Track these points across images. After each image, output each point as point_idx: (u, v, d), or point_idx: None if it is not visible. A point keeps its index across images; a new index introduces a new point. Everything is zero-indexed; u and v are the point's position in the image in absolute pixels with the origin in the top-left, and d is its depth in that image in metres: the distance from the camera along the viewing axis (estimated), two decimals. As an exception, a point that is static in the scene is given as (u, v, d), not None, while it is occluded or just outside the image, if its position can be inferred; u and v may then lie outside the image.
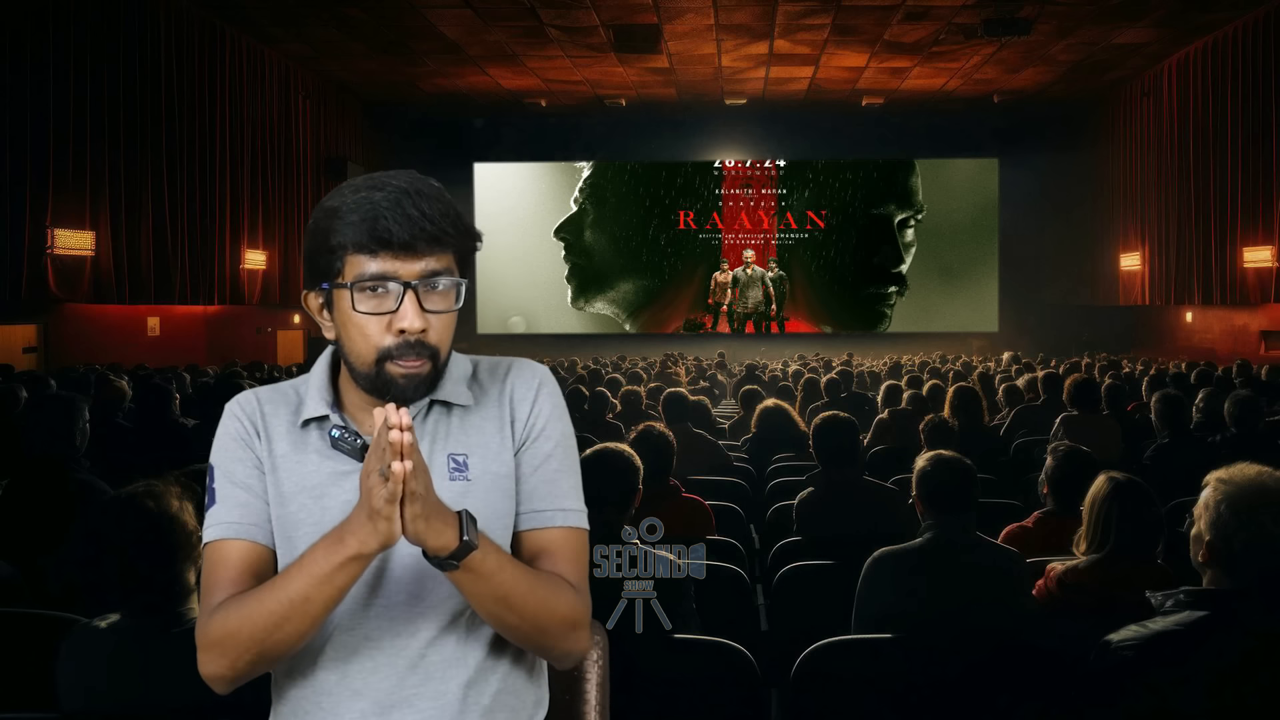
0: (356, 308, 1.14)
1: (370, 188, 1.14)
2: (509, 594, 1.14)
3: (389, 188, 1.13)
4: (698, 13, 11.71)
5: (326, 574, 1.07)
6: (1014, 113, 16.89)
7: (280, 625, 1.09)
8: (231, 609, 1.12)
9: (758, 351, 16.92)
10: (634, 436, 3.43)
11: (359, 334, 1.16)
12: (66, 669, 1.76)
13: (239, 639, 1.11)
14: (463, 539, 1.07)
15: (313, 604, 1.08)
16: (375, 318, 1.14)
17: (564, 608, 1.20)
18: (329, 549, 1.07)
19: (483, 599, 1.14)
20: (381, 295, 1.14)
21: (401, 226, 1.11)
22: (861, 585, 2.56)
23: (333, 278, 1.16)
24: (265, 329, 14.65)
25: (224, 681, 1.14)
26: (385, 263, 1.13)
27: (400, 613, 1.20)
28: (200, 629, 1.14)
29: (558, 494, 1.26)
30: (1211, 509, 1.77)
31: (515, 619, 1.16)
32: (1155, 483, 2.78)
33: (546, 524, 1.25)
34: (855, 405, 6.57)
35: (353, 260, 1.14)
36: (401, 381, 1.16)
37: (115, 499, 1.88)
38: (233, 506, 1.20)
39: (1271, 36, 11.47)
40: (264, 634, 1.10)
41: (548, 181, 19.09)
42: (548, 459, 1.27)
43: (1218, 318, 13.81)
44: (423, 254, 1.14)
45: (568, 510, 1.26)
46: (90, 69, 9.82)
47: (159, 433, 4.97)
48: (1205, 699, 1.63)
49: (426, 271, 1.14)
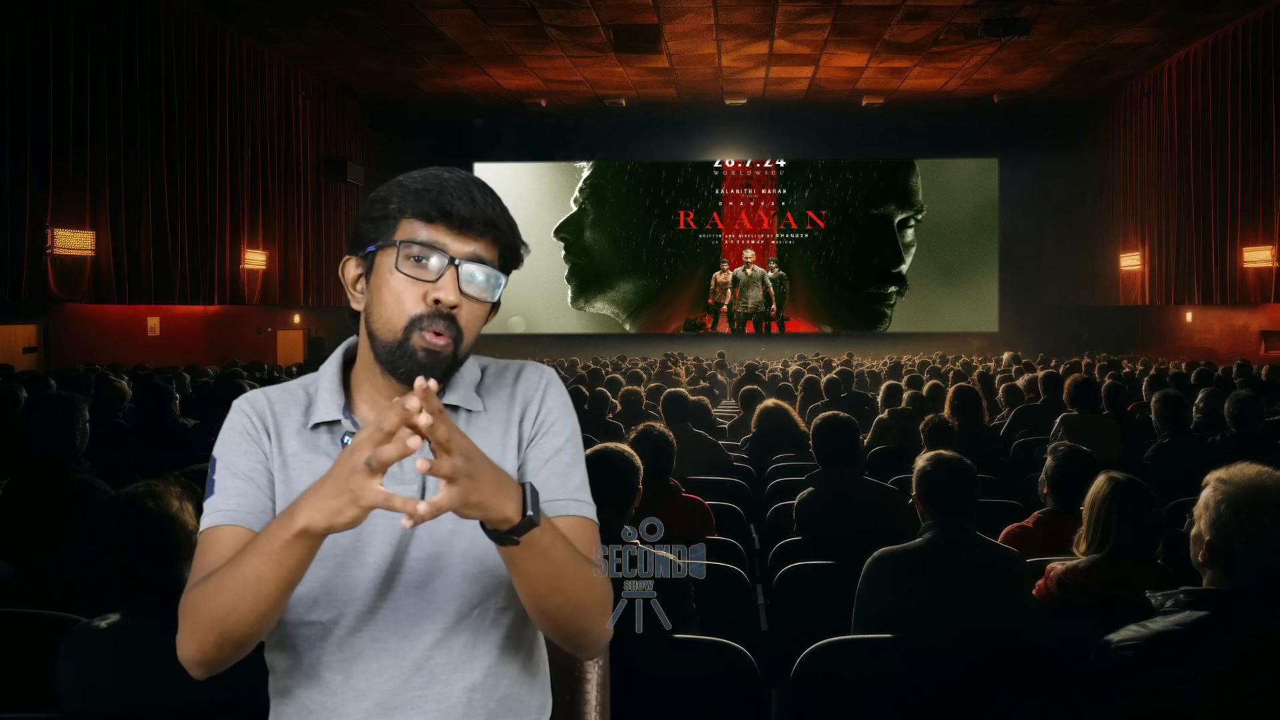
0: (399, 267, 1.15)
1: (439, 170, 1.20)
2: (560, 572, 1.12)
3: (458, 173, 1.19)
4: (698, 13, 11.71)
5: (276, 551, 1.02)
6: (1014, 113, 16.89)
7: (236, 605, 1.05)
8: (198, 590, 1.10)
9: (758, 351, 16.93)
10: (634, 436, 3.43)
11: (393, 298, 1.16)
12: (66, 669, 1.75)
13: (201, 618, 1.08)
14: (526, 513, 1.05)
15: (265, 583, 1.04)
16: (414, 283, 1.16)
17: (601, 586, 1.19)
18: (279, 524, 1.03)
19: (534, 577, 1.11)
20: (424, 266, 1.16)
21: (464, 204, 1.16)
22: (861, 585, 2.56)
23: (381, 239, 1.18)
24: (265, 329, 14.65)
25: (196, 665, 1.11)
26: (439, 233, 1.16)
27: (407, 615, 1.19)
28: (179, 609, 1.12)
29: (570, 485, 1.26)
30: (1211, 509, 1.77)
31: (560, 599, 1.14)
32: (1155, 483, 2.78)
33: (561, 512, 1.23)
34: (855, 405, 6.57)
35: (407, 224, 1.17)
36: (421, 356, 1.16)
37: (115, 499, 1.88)
38: (231, 495, 1.19)
39: (1271, 36, 11.47)
40: (223, 613, 1.06)
41: (548, 181, 19.10)
42: (558, 452, 1.27)
43: (1218, 318, 13.81)
44: (476, 236, 1.17)
45: (581, 501, 1.26)
46: (90, 69, 9.82)
47: (159, 433, 4.97)
48: (1205, 699, 1.63)
49: (474, 255, 1.17)
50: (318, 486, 1.01)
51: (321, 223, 15.17)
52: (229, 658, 1.11)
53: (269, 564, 1.03)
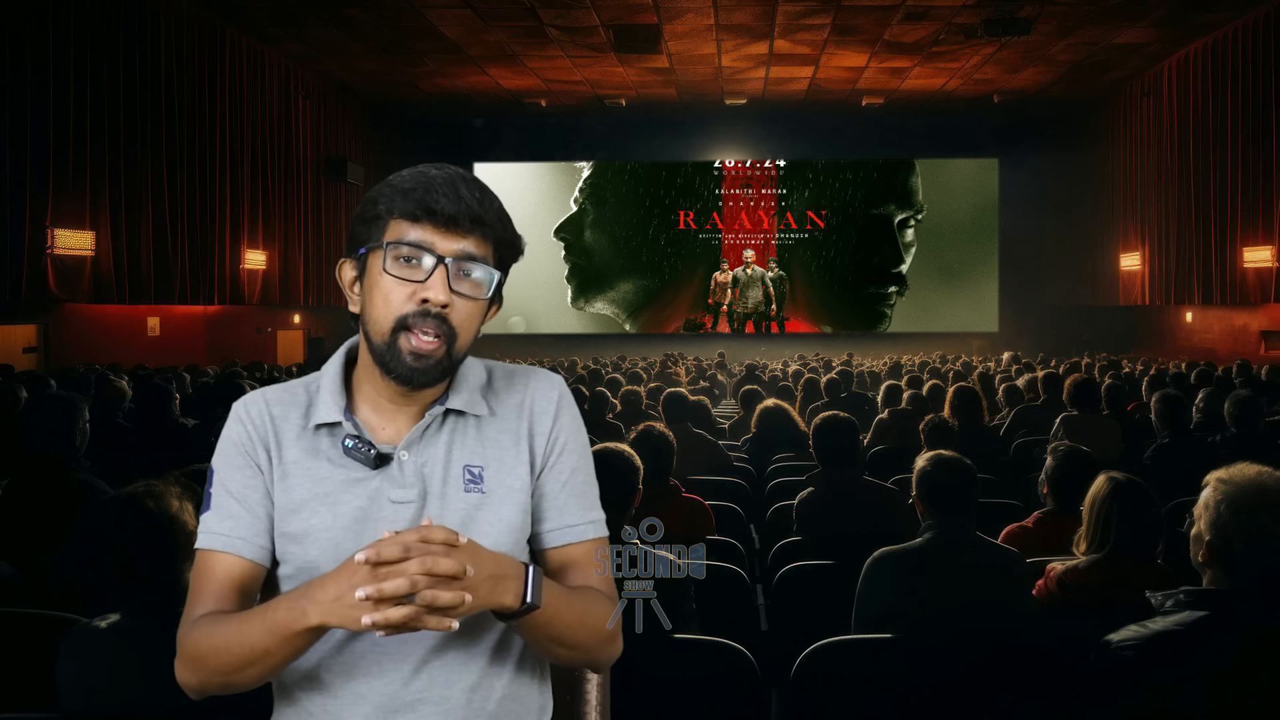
0: (387, 268, 1.15)
1: (428, 167, 1.18)
2: (563, 634, 1.18)
3: (447, 170, 1.18)
4: (698, 13, 11.71)
5: (286, 636, 1.07)
6: (1014, 113, 16.89)
7: (243, 669, 1.11)
8: (204, 634, 1.13)
9: (758, 351, 16.92)
10: (634, 436, 3.43)
11: (382, 299, 1.16)
12: (66, 669, 1.75)
13: (208, 667, 1.13)
14: (525, 601, 1.10)
15: (273, 657, 1.10)
16: (402, 284, 1.15)
17: (606, 624, 1.23)
18: (291, 610, 1.07)
19: (539, 640, 1.18)
20: (414, 267, 1.15)
21: (450, 201, 1.14)
22: (861, 585, 2.56)
23: (372, 240, 1.18)
24: (265, 329, 14.65)
25: (193, 692, 1.17)
26: (425, 232, 1.15)
27: None
28: (180, 636, 1.16)
29: (585, 506, 1.29)
30: (1211, 509, 1.77)
31: (566, 651, 1.20)
32: (1155, 483, 2.78)
33: (579, 538, 1.27)
34: (855, 405, 6.57)
35: (395, 225, 1.16)
36: (409, 360, 1.16)
37: (115, 499, 1.88)
38: (224, 517, 1.20)
39: (1271, 36, 11.47)
40: (230, 670, 1.12)
41: (548, 181, 19.09)
42: (574, 473, 1.29)
43: (1218, 318, 13.81)
44: (464, 233, 1.16)
45: (596, 521, 1.29)
46: (90, 69, 9.82)
47: (159, 433, 4.97)
48: (1205, 699, 1.63)
49: (464, 252, 1.16)
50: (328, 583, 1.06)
51: (321, 223, 15.17)
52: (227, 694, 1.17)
53: (279, 645, 1.08)
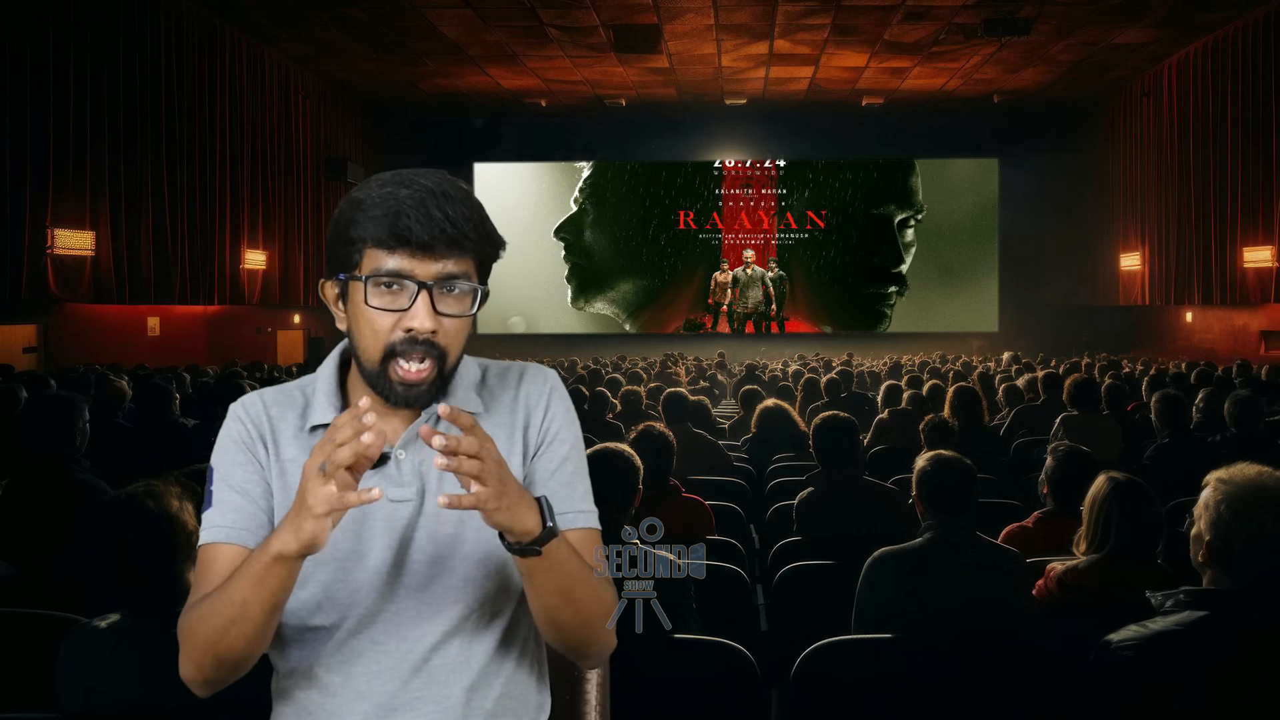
0: (369, 301, 1.13)
1: (397, 184, 1.13)
2: (573, 585, 1.14)
3: (416, 186, 1.12)
4: (698, 13, 11.71)
5: (257, 576, 1.04)
6: (1014, 113, 16.89)
7: (227, 629, 1.08)
8: (193, 612, 1.12)
9: (758, 351, 16.92)
10: (634, 436, 3.43)
11: (369, 328, 1.15)
12: (66, 669, 1.75)
13: (196, 641, 1.11)
14: (545, 525, 1.07)
15: (251, 607, 1.06)
16: (386, 314, 1.14)
17: (608, 598, 1.21)
18: (258, 550, 1.05)
19: (548, 590, 1.14)
20: (396, 293, 1.13)
21: (423, 226, 1.11)
22: (861, 585, 2.56)
23: (350, 269, 1.15)
24: (265, 329, 14.65)
25: (198, 685, 1.14)
26: (403, 260, 1.12)
27: (408, 617, 1.20)
28: (178, 627, 1.15)
29: (576, 495, 1.27)
30: (1211, 509, 1.77)
31: (570, 611, 1.16)
32: (1155, 483, 2.78)
33: (569, 525, 1.24)
34: (855, 405, 6.57)
35: (371, 254, 1.13)
36: (400, 390, 1.15)
37: (115, 499, 1.88)
38: (227, 510, 1.20)
39: (1271, 36, 11.47)
40: (216, 636, 1.08)
41: (548, 181, 19.09)
42: (564, 462, 1.27)
43: (1218, 318, 13.81)
44: (441, 256, 1.13)
45: (586, 511, 1.27)
46: (90, 69, 9.82)
47: (159, 433, 4.97)
48: (1205, 699, 1.63)
49: (443, 274, 1.13)
50: (290, 510, 1.02)
51: (321, 223, 15.12)
52: (227, 677, 1.13)
53: (253, 589, 1.05)
